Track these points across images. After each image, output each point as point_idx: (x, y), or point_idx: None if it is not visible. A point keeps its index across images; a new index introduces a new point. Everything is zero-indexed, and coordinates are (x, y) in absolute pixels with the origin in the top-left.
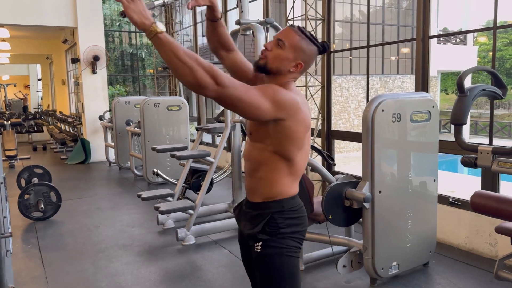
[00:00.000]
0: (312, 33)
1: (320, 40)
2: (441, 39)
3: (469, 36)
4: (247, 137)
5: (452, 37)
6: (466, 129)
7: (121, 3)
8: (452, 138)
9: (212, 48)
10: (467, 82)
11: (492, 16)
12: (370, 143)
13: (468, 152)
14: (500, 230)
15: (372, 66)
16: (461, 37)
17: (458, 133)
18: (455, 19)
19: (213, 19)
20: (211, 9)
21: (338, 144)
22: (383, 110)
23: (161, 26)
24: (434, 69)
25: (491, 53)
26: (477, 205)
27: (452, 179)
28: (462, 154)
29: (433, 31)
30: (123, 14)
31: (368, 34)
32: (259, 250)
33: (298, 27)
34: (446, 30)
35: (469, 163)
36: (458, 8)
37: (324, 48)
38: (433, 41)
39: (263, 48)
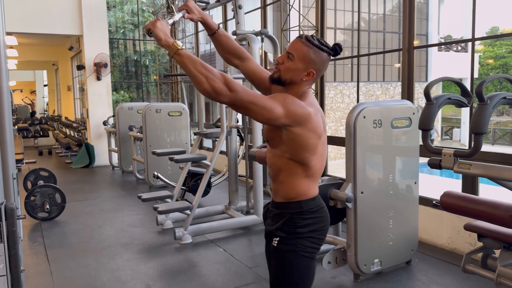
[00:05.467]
0: (321, 39)
1: (331, 44)
2: (443, 46)
3: (470, 44)
4: (268, 144)
5: (454, 44)
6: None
7: (151, 32)
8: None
9: (225, 60)
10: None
11: (495, 24)
12: (353, 147)
13: (434, 155)
14: (468, 228)
15: (373, 73)
16: (462, 45)
17: (425, 137)
18: (458, 26)
19: (210, 33)
20: (204, 24)
21: (339, 150)
22: (364, 117)
23: (180, 44)
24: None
25: (490, 61)
26: (445, 203)
27: (442, 182)
28: None
29: (434, 38)
30: (150, 32)
31: (358, 44)
32: (275, 245)
33: (306, 37)
34: (449, 37)
35: (435, 165)
36: (460, 16)
37: (336, 51)
38: (434, 49)
39: (276, 62)
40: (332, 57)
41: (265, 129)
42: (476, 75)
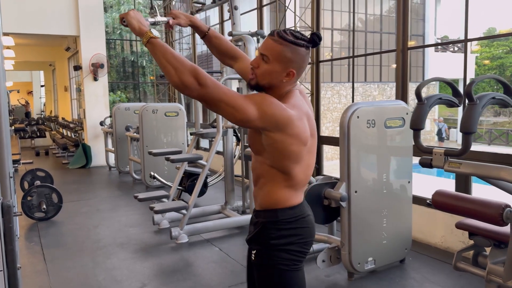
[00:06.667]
0: (296, 32)
1: (309, 34)
2: (439, 47)
3: (468, 44)
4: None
5: (451, 45)
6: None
7: (125, 20)
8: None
9: (220, 60)
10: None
11: (492, 25)
12: (346, 147)
13: (426, 154)
14: (459, 226)
15: (370, 73)
16: (459, 45)
17: (416, 137)
18: (455, 27)
19: (201, 36)
20: (194, 27)
21: (336, 151)
22: (358, 117)
23: (155, 33)
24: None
25: (486, 61)
26: (437, 202)
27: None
28: None
29: (431, 39)
30: (123, 21)
31: (353, 45)
32: (253, 258)
33: (278, 33)
34: (446, 38)
35: (426, 164)
36: (457, 16)
37: (314, 42)
38: (431, 50)
39: (251, 66)
40: (312, 48)
41: (248, 134)
42: (473, 76)
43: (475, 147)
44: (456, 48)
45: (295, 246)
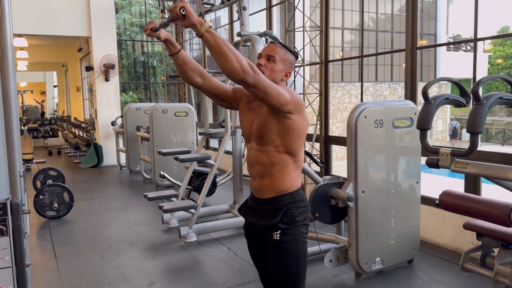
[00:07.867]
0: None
1: (293, 49)
2: (451, 46)
3: (479, 43)
4: (251, 144)
5: (463, 44)
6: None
7: (184, 8)
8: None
9: (187, 79)
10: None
11: (505, 23)
12: (354, 147)
13: (432, 154)
14: (467, 226)
15: (381, 73)
16: (472, 45)
17: (423, 137)
18: (468, 26)
19: (174, 53)
20: (169, 43)
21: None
22: (365, 117)
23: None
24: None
25: (499, 60)
26: (444, 203)
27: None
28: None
29: (443, 38)
30: (181, 10)
31: (362, 44)
32: (278, 238)
33: (280, 42)
34: (459, 37)
35: (432, 164)
36: (470, 15)
37: (297, 56)
38: (443, 49)
39: (258, 65)
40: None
41: (258, 125)
42: (486, 75)
43: (487, 147)
44: (468, 47)
45: (307, 221)
